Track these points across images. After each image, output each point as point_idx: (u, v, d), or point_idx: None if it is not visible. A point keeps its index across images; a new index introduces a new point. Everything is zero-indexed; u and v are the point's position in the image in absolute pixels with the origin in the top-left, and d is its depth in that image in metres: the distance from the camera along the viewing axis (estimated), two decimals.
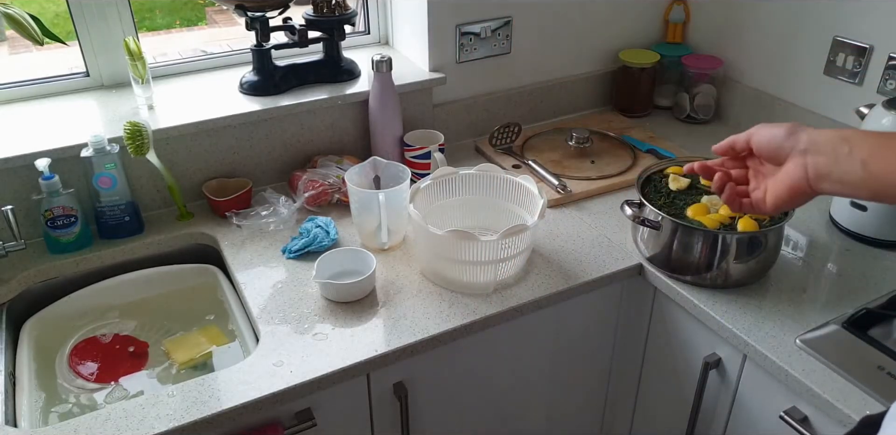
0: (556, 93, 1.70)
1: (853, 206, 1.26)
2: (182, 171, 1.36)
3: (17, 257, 1.23)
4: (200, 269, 1.29)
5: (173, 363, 1.14)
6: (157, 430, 0.92)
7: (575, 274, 1.21)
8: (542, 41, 1.62)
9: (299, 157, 1.46)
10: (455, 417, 1.26)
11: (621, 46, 1.74)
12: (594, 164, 1.51)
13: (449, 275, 1.16)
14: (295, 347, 1.05)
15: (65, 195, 1.22)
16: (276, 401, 0.99)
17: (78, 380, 1.11)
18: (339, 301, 1.14)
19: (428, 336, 1.08)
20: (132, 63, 1.31)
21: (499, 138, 1.56)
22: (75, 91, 1.42)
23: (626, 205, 1.19)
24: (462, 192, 1.28)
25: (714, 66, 1.66)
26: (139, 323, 1.23)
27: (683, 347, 1.24)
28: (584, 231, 1.32)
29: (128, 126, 1.21)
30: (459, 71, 1.55)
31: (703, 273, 1.15)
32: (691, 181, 1.21)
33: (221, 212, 1.34)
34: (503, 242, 1.10)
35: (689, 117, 1.72)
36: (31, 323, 1.18)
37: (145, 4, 1.92)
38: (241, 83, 1.42)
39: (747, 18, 1.60)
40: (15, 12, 1.10)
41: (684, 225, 1.12)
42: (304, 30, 1.43)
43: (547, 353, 1.30)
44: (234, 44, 1.60)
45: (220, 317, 1.22)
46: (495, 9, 1.52)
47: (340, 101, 1.43)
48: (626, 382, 1.43)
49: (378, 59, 1.37)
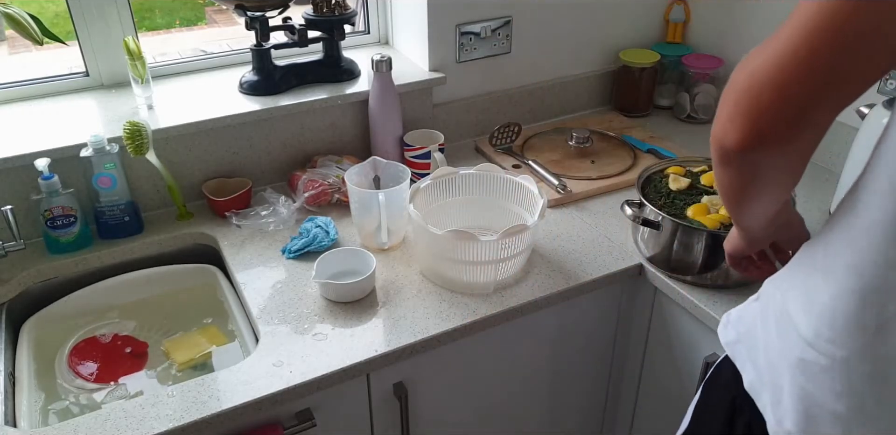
0: (556, 93, 1.70)
1: None
2: (182, 170, 1.36)
3: (17, 257, 1.23)
4: (200, 269, 1.29)
5: (173, 363, 1.14)
6: (156, 430, 0.92)
7: (575, 274, 1.21)
8: (541, 41, 1.62)
9: (299, 157, 1.46)
10: (455, 417, 1.26)
11: (621, 46, 1.74)
12: (594, 164, 1.51)
13: (449, 275, 1.16)
14: (295, 348, 1.05)
15: (64, 195, 1.22)
16: (275, 401, 0.99)
17: (77, 380, 1.11)
18: (339, 301, 1.14)
19: (428, 336, 1.08)
20: (132, 63, 1.31)
21: (499, 138, 1.56)
22: (75, 91, 1.42)
23: (627, 205, 1.18)
24: (462, 192, 1.28)
25: (714, 66, 1.66)
26: (139, 323, 1.23)
27: (683, 347, 1.24)
28: (584, 231, 1.32)
29: (127, 126, 1.21)
30: (459, 71, 1.55)
31: (703, 273, 1.15)
32: (691, 181, 1.21)
33: (221, 212, 1.34)
34: (503, 242, 1.10)
35: (689, 117, 1.72)
36: (31, 323, 1.18)
37: (145, 4, 1.92)
38: (240, 83, 1.42)
39: (747, 18, 1.60)
40: (15, 12, 1.10)
41: (684, 225, 1.12)
42: (303, 29, 1.43)
43: (547, 353, 1.30)
44: (234, 43, 1.60)
45: (220, 317, 1.22)
46: (495, 9, 1.52)
47: (340, 100, 1.43)
48: (626, 382, 1.43)
49: (378, 58, 1.37)
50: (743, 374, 0.80)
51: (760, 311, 0.80)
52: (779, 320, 0.75)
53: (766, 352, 0.77)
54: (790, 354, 0.73)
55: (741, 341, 0.82)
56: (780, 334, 0.75)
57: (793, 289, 0.75)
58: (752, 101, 0.61)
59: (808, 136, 0.63)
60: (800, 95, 0.59)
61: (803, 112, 0.60)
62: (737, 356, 0.82)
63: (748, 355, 0.80)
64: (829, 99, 0.59)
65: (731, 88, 0.64)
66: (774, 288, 0.79)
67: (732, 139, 0.63)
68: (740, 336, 0.82)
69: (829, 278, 0.69)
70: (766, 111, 0.61)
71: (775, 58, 0.60)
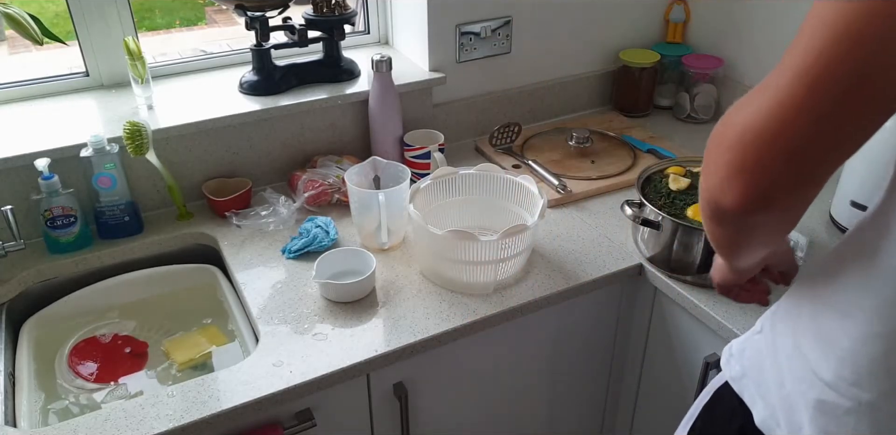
0: (556, 93, 1.70)
1: (853, 206, 1.26)
2: (182, 171, 1.36)
3: (17, 257, 1.23)
4: (200, 269, 1.29)
5: (173, 363, 1.14)
6: (156, 430, 0.92)
7: (575, 274, 1.21)
8: (541, 41, 1.62)
9: (299, 157, 1.46)
10: (455, 417, 1.26)
11: (621, 46, 1.74)
12: (594, 164, 1.51)
13: (449, 275, 1.16)
14: (295, 348, 1.05)
15: (64, 195, 1.22)
16: (275, 401, 0.99)
17: (77, 380, 1.11)
18: (339, 301, 1.14)
19: (428, 336, 1.08)
20: (132, 63, 1.31)
21: (499, 138, 1.56)
22: (75, 91, 1.42)
23: (627, 205, 1.19)
24: (462, 192, 1.28)
25: (714, 65, 1.66)
26: (139, 323, 1.23)
27: (683, 347, 1.24)
28: (584, 231, 1.32)
29: (127, 126, 1.21)
30: (459, 71, 1.55)
31: (703, 273, 1.15)
32: (691, 181, 1.21)
33: (221, 212, 1.34)
34: (503, 242, 1.10)
35: (689, 117, 1.72)
36: (31, 323, 1.18)
37: (145, 4, 1.91)
38: (240, 83, 1.42)
39: (747, 18, 1.60)
40: (15, 12, 1.10)
41: (684, 225, 1.12)
42: (303, 29, 1.43)
43: (547, 353, 1.30)
44: (234, 43, 1.60)
45: (220, 317, 1.22)
46: (495, 9, 1.52)
47: (340, 100, 1.43)
48: (626, 382, 1.43)
49: (378, 58, 1.37)
50: (753, 409, 0.77)
51: (766, 345, 0.77)
52: (791, 358, 0.72)
53: (778, 389, 0.73)
54: (808, 395, 0.70)
55: (748, 376, 0.78)
56: (794, 373, 0.72)
57: (803, 328, 0.72)
58: (750, 162, 0.55)
59: (814, 192, 0.58)
60: (806, 151, 0.53)
61: (811, 170, 0.55)
62: (744, 391, 0.78)
63: (757, 391, 0.77)
64: (838, 152, 0.54)
65: (721, 144, 0.58)
66: (779, 322, 0.76)
67: (731, 202, 0.58)
68: (746, 370, 0.79)
69: (847, 322, 0.66)
70: (769, 173, 0.55)
71: (773, 109, 0.54)
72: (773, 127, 0.54)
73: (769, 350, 0.76)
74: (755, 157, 0.55)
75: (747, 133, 0.55)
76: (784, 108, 0.53)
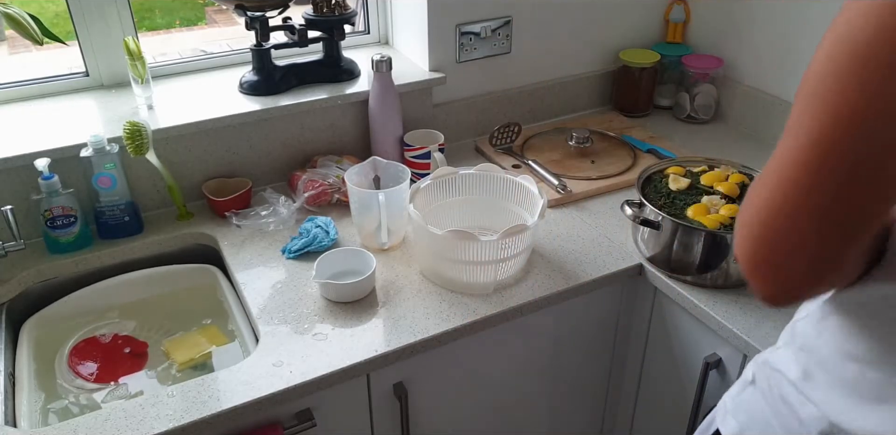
0: (556, 93, 1.70)
1: None
2: (182, 171, 1.36)
3: (17, 257, 1.23)
4: (200, 269, 1.29)
5: (173, 363, 1.14)
6: (156, 430, 0.92)
7: (575, 274, 1.21)
8: (541, 41, 1.62)
9: (299, 157, 1.46)
10: (455, 417, 1.26)
11: (621, 46, 1.74)
12: (594, 164, 1.51)
13: (449, 275, 1.16)
14: (295, 348, 1.05)
15: (64, 195, 1.22)
16: (275, 401, 0.99)
17: (77, 380, 1.11)
18: (339, 301, 1.14)
19: (428, 336, 1.08)
20: (132, 63, 1.31)
21: (499, 138, 1.56)
22: (75, 91, 1.42)
23: (627, 205, 1.19)
24: (462, 192, 1.28)
25: (714, 66, 1.66)
26: (139, 323, 1.23)
27: (683, 347, 1.24)
28: (584, 231, 1.32)
29: (127, 126, 1.21)
30: (459, 71, 1.55)
31: (703, 273, 1.15)
32: (691, 181, 1.21)
33: (221, 212, 1.34)
34: (503, 241, 1.10)
35: (689, 117, 1.72)
36: (31, 323, 1.18)
37: (145, 4, 1.91)
38: (240, 83, 1.42)
39: (747, 18, 1.60)
40: (15, 12, 1.10)
41: (684, 225, 1.12)
42: (303, 29, 1.43)
43: (547, 353, 1.30)
44: (234, 43, 1.60)
45: (220, 317, 1.22)
46: (495, 9, 1.52)
47: (340, 100, 1.43)
48: (626, 382, 1.43)
49: (378, 58, 1.37)
50: None
51: (764, 396, 0.74)
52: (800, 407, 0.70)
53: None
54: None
55: (750, 429, 0.75)
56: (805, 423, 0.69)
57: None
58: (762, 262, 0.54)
59: (840, 277, 0.57)
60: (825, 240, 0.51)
61: (831, 262, 0.52)
62: None
63: None
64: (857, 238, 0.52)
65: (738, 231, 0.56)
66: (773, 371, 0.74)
67: (762, 295, 0.57)
68: (744, 426, 0.76)
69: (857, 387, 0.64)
70: (787, 273, 0.53)
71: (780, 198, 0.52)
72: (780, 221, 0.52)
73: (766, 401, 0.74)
74: (771, 256, 0.53)
75: (754, 227, 0.54)
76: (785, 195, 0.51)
